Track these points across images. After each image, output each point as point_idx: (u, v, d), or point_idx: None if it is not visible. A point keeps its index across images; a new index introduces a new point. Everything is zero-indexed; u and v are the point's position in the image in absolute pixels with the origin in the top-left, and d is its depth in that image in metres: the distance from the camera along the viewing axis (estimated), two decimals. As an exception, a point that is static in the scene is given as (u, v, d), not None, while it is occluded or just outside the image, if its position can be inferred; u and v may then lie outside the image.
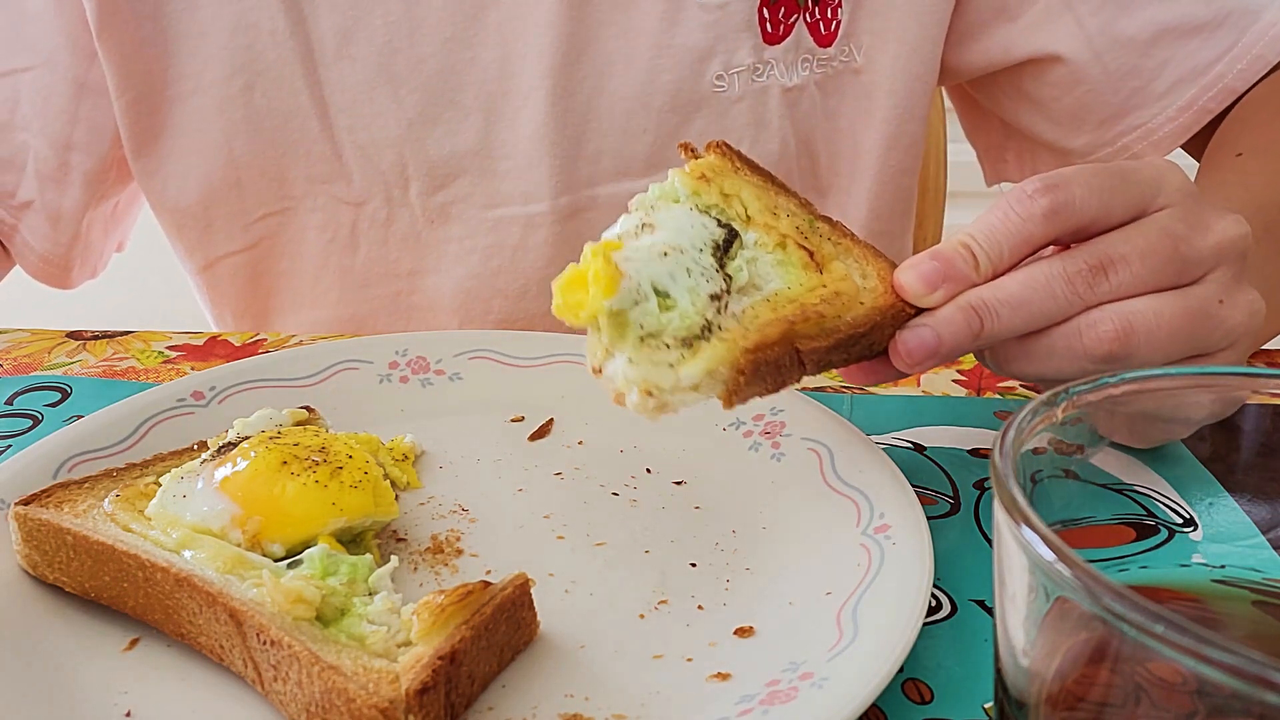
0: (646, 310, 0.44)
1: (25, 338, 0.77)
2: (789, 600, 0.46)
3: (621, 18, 0.76)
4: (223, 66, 0.78)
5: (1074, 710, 0.30)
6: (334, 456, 0.49)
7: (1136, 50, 0.78)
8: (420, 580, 0.48)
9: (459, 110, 0.78)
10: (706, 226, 0.47)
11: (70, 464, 0.54)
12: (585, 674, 0.42)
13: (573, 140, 0.78)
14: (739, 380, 0.43)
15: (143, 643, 0.45)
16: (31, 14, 0.79)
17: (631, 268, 0.44)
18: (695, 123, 0.79)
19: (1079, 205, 0.46)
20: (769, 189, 0.51)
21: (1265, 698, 0.22)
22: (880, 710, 0.41)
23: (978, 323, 0.45)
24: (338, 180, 0.81)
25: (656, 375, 0.42)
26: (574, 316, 0.44)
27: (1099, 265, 0.45)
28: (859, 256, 0.49)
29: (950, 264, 0.46)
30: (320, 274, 0.86)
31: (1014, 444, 0.31)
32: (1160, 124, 0.79)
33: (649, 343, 0.43)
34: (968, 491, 0.55)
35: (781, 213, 0.50)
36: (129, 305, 1.85)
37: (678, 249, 0.45)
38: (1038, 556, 0.27)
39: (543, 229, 0.80)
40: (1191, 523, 0.37)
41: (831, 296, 0.46)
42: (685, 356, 0.43)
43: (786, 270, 0.48)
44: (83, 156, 0.82)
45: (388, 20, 0.76)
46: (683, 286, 0.44)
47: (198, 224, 0.84)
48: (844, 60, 0.80)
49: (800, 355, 0.44)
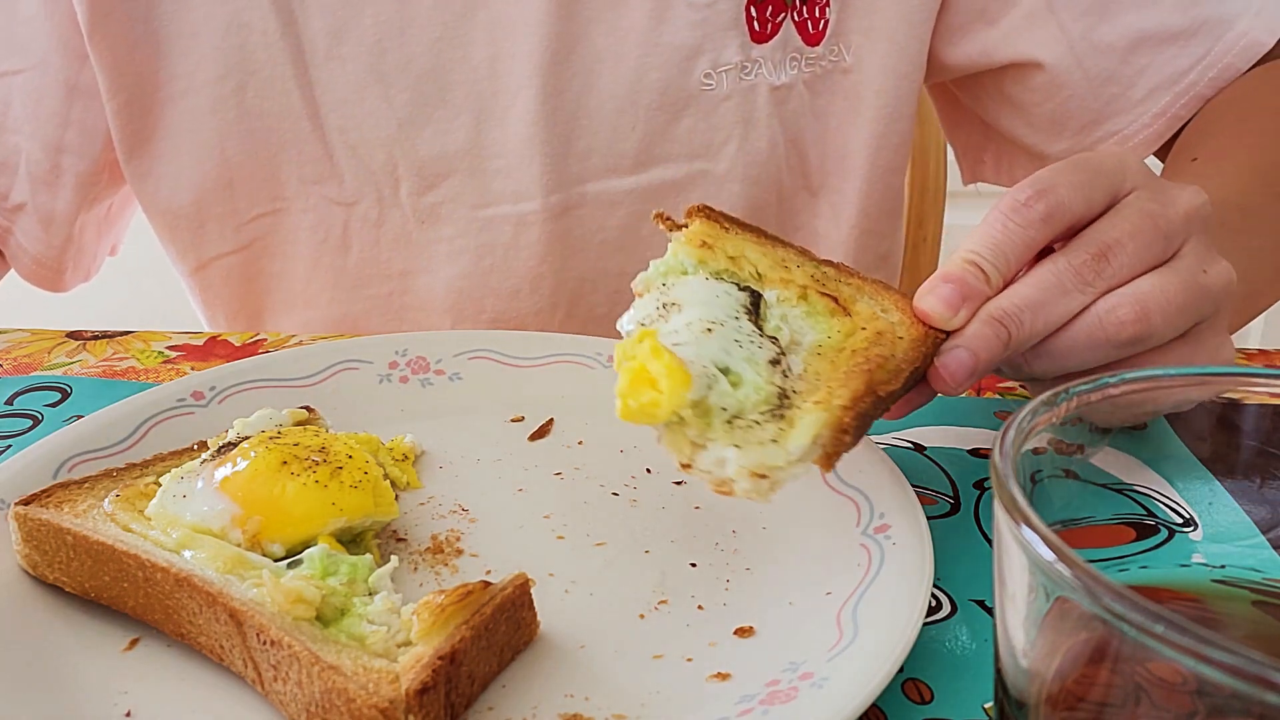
0: (722, 392, 0.42)
1: (25, 338, 0.77)
2: (789, 600, 0.46)
3: (610, 16, 0.76)
4: (215, 67, 0.78)
5: (1074, 710, 0.30)
6: (334, 456, 0.49)
7: (1116, 57, 0.78)
8: (420, 580, 0.48)
9: (449, 109, 0.79)
10: (730, 293, 0.46)
11: (70, 464, 0.54)
12: (585, 674, 0.42)
13: (562, 138, 0.78)
14: (843, 440, 0.41)
15: (143, 643, 0.45)
16: (23, 17, 0.79)
17: (687, 352, 0.43)
18: (683, 120, 0.79)
19: (1069, 204, 0.48)
20: (767, 243, 0.50)
21: (1265, 698, 0.22)
22: (880, 710, 0.41)
23: (1005, 333, 0.46)
24: (329, 181, 0.81)
25: (765, 455, 0.41)
26: (652, 419, 0.42)
27: (1099, 253, 0.47)
28: (872, 293, 0.50)
29: (964, 283, 0.47)
30: (313, 274, 0.86)
31: (1014, 444, 0.31)
32: (1136, 130, 0.80)
33: (736, 424, 0.42)
34: (968, 491, 0.55)
35: (791, 264, 0.49)
36: (129, 305, 1.84)
37: (717, 323, 0.44)
38: (1038, 556, 0.27)
39: (534, 227, 0.81)
40: (1191, 523, 0.37)
41: (876, 337, 0.46)
42: (783, 430, 0.41)
43: (816, 320, 0.47)
44: (74, 159, 0.82)
45: (378, 20, 0.77)
46: (740, 359, 0.43)
47: (190, 225, 0.84)
48: (833, 60, 0.80)
49: (880, 400, 0.44)
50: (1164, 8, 0.77)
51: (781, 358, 0.44)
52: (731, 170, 0.81)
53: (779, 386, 0.43)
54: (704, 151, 0.80)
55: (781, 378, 0.43)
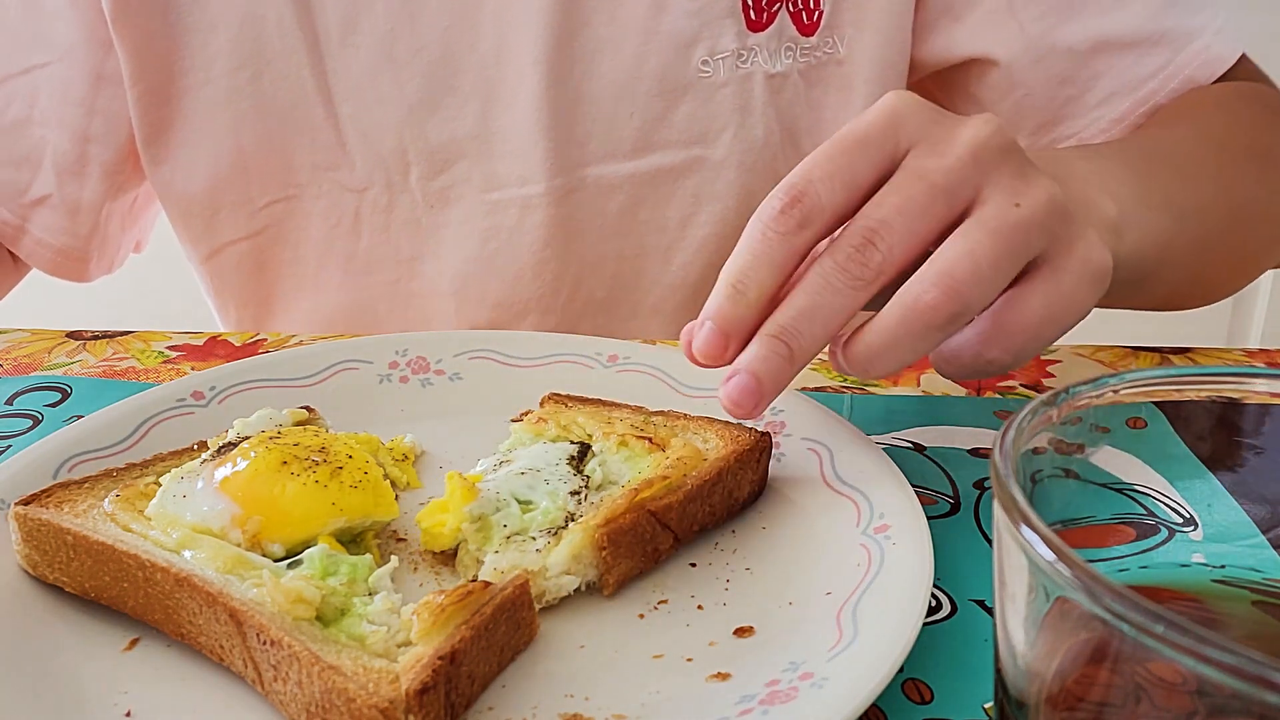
0: (509, 514, 0.48)
1: (25, 338, 0.77)
2: (789, 600, 0.46)
3: (610, 4, 0.78)
4: (231, 58, 0.80)
5: (1074, 710, 0.30)
6: (334, 456, 0.49)
7: (1074, 60, 0.79)
8: (420, 580, 0.48)
9: (458, 95, 0.80)
10: (560, 449, 0.52)
11: (70, 464, 0.54)
12: (585, 674, 0.42)
13: (565, 123, 0.80)
14: (603, 557, 0.46)
15: (143, 643, 0.45)
16: (49, 11, 0.81)
17: (491, 485, 0.49)
18: (681, 107, 0.80)
19: (826, 201, 0.46)
20: (601, 409, 0.57)
21: (1265, 698, 0.22)
22: (880, 710, 0.41)
23: (784, 348, 0.45)
24: (341, 167, 0.83)
25: (524, 560, 0.45)
26: (439, 539, 0.48)
27: (863, 243, 0.45)
28: (696, 429, 0.54)
29: (723, 315, 0.46)
30: (324, 260, 0.87)
31: (1014, 444, 0.31)
32: (1092, 135, 0.80)
33: (515, 540, 0.47)
34: (968, 491, 0.55)
35: (616, 420, 0.55)
36: (129, 305, 1.84)
37: (534, 469, 0.50)
38: (1038, 556, 0.27)
39: (539, 211, 0.82)
40: (1191, 522, 0.37)
41: (676, 462, 0.50)
42: (552, 544, 0.46)
43: (634, 462, 0.52)
44: (100, 148, 0.83)
45: (389, 9, 0.78)
46: (542, 492, 0.49)
47: (204, 212, 0.86)
48: (827, 51, 0.81)
49: (657, 518, 0.47)
50: (1128, 14, 0.78)
51: (584, 490, 0.49)
52: (728, 157, 0.82)
53: (569, 512, 0.48)
54: (701, 138, 0.81)
55: (575, 505, 0.48)
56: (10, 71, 0.82)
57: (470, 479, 0.49)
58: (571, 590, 0.46)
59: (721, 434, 0.53)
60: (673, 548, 0.49)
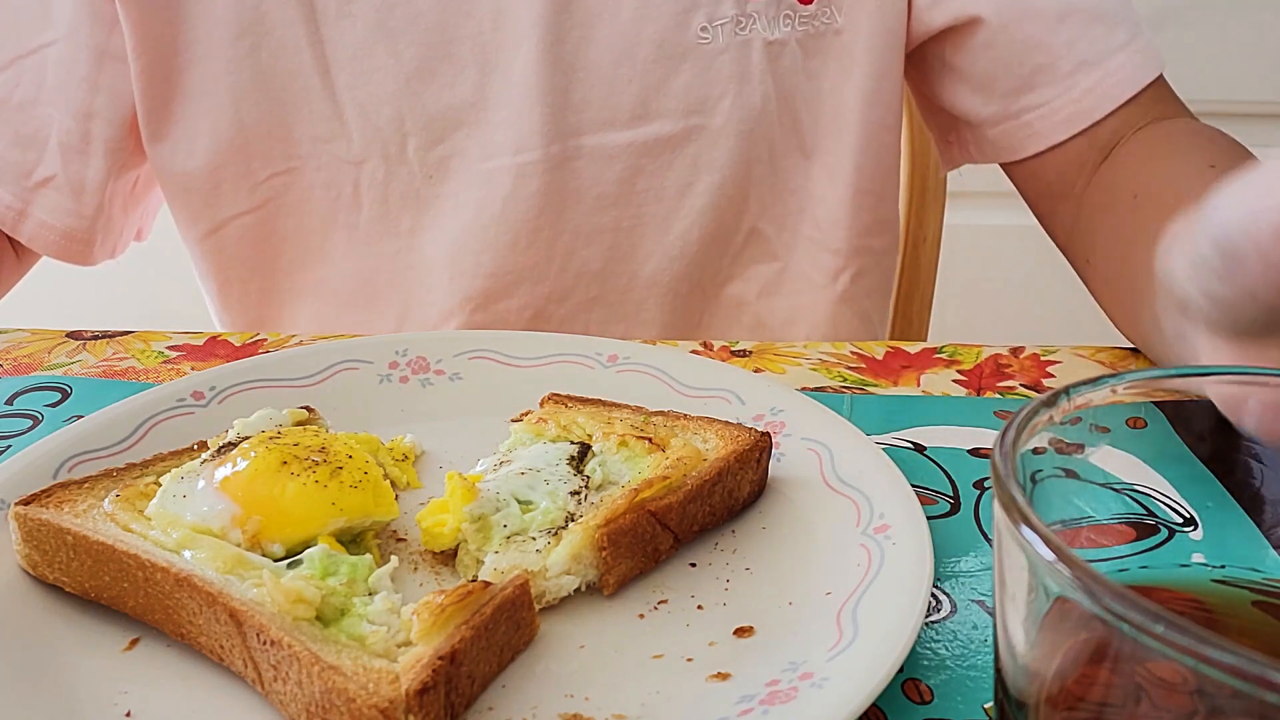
0: (509, 514, 0.48)
1: (25, 338, 0.77)
2: (789, 600, 0.46)
3: None
4: (231, 28, 0.80)
5: (1074, 710, 0.30)
6: (334, 456, 0.49)
7: (1045, 25, 0.79)
8: (420, 580, 0.48)
9: (455, 64, 0.80)
10: (560, 450, 0.52)
11: (70, 464, 0.54)
12: (585, 674, 0.42)
13: (561, 89, 0.80)
14: (603, 557, 0.46)
15: (143, 643, 0.45)
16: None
17: (491, 485, 0.49)
18: (680, 74, 0.80)
19: None
20: (601, 409, 0.57)
21: (1265, 698, 0.22)
22: (880, 710, 0.41)
23: None
24: (339, 139, 0.83)
25: (524, 560, 0.46)
26: (439, 539, 0.48)
27: None
28: (696, 428, 0.54)
29: None
30: (327, 233, 0.87)
31: (1014, 444, 0.31)
32: (1063, 105, 0.80)
33: (514, 540, 0.47)
34: (968, 491, 0.55)
35: (615, 420, 0.55)
36: (129, 305, 1.84)
37: (534, 469, 0.51)
38: (1038, 556, 0.27)
39: (534, 179, 0.82)
40: (1191, 522, 0.37)
41: (676, 463, 0.50)
42: (551, 544, 0.46)
43: (634, 462, 0.52)
44: (103, 125, 0.83)
45: None
46: (542, 492, 0.49)
47: (205, 186, 0.86)
48: (825, 21, 0.81)
49: (657, 518, 0.47)
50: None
51: (584, 490, 0.49)
52: (726, 125, 0.81)
53: (569, 512, 0.48)
54: (700, 106, 0.81)
55: (575, 505, 0.48)
56: (19, 52, 0.82)
57: (470, 479, 0.49)
58: (571, 590, 0.46)
59: (721, 434, 0.53)
60: (673, 548, 0.49)
